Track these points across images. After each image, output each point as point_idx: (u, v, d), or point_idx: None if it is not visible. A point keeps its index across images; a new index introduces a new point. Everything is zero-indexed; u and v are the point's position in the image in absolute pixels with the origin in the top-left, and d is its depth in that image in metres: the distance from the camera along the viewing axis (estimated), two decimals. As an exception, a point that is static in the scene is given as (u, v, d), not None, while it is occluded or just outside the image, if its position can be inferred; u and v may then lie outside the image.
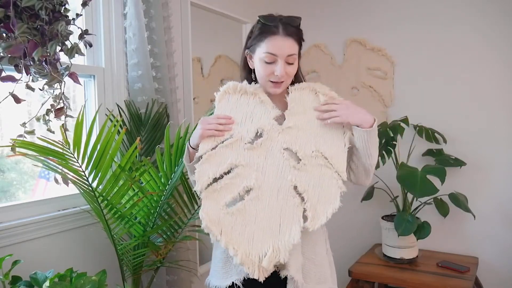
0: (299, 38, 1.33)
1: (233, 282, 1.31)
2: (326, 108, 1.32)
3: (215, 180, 1.28)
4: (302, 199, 1.28)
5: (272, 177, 1.29)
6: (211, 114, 1.41)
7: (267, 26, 1.30)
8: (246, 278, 1.29)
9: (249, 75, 1.40)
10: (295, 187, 1.28)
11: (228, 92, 1.36)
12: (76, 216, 1.70)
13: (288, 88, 1.38)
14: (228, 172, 1.29)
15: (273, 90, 1.34)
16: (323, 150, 1.32)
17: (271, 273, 1.25)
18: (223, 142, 1.30)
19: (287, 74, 1.32)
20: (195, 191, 1.29)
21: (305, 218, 1.26)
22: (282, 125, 1.33)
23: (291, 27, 1.30)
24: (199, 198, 1.32)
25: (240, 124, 1.32)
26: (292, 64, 1.32)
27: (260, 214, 1.27)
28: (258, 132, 1.32)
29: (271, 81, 1.32)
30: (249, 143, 1.30)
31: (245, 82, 1.38)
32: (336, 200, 1.29)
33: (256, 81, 1.39)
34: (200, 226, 1.99)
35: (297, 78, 1.41)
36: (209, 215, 1.26)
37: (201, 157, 1.30)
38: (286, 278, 1.28)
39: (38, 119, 1.45)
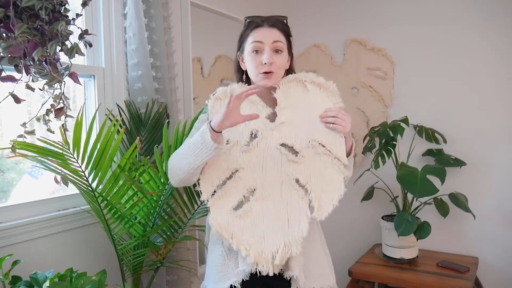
0: (285, 31, 1.38)
1: (231, 285, 1.30)
2: (333, 114, 1.31)
3: (219, 187, 1.31)
4: (306, 190, 1.28)
5: (273, 174, 1.30)
6: (203, 113, 1.44)
7: (252, 22, 1.37)
8: (244, 280, 1.28)
9: (242, 76, 1.43)
10: (297, 180, 1.29)
11: (219, 98, 1.38)
12: (76, 216, 1.70)
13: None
14: (230, 177, 1.30)
15: (264, 82, 1.35)
16: (320, 138, 1.32)
17: (272, 274, 1.24)
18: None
19: (275, 64, 1.33)
20: (201, 200, 1.31)
21: (311, 209, 1.27)
22: (274, 121, 1.35)
23: (276, 21, 1.37)
24: (203, 201, 1.32)
25: (234, 128, 1.30)
26: (279, 53, 1.34)
27: (267, 212, 1.28)
28: (252, 133, 1.34)
29: (261, 73, 1.33)
30: (245, 146, 1.32)
31: (235, 85, 1.38)
32: (340, 186, 1.29)
33: (247, 82, 1.42)
34: (200, 226, 2.01)
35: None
36: (218, 221, 1.27)
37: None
38: (283, 277, 1.28)
39: (38, 119, 1.46)
